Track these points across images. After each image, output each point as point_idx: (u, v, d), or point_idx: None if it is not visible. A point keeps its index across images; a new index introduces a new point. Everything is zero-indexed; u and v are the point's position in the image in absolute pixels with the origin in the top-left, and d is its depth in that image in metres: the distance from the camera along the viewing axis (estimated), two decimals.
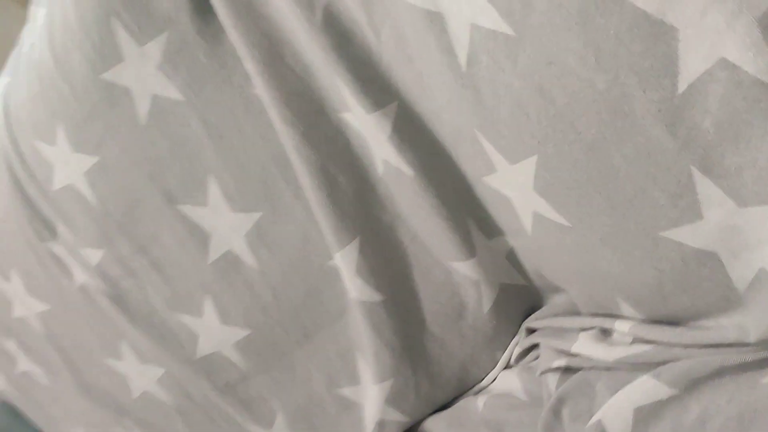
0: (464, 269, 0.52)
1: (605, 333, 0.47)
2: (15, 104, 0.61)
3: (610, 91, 0.33)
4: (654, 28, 0.30)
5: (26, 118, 0.59)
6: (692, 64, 0.30)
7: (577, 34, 0.32)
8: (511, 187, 0.43)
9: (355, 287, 0.53)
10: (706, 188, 0.34)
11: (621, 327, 0.45)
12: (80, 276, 0.63)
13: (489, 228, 0.51)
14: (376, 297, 0.53)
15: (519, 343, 0.56)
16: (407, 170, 0.48)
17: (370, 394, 0.59)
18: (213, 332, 0.60)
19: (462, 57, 0.38)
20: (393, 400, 0.58)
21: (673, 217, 0.36)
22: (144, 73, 0.53)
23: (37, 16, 0.58)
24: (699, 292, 0.38)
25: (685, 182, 0.34)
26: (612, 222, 0.38)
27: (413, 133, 0.47)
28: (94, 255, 0.61)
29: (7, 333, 0.71)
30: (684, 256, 0.37)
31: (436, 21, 0.38)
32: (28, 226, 0.63)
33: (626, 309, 0.45)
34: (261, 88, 0.50)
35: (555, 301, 0.54)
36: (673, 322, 0.42)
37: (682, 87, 0.31)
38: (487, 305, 0.54)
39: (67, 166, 0.58)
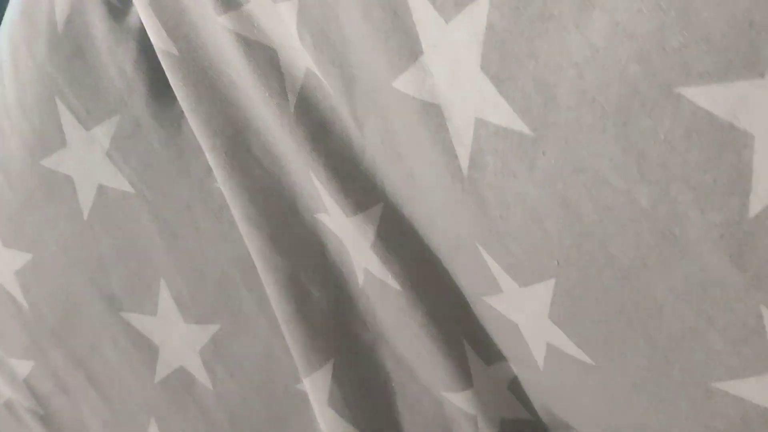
0: (458, 401, 0.44)
1: None
2: None
3: (656, 208, 0.26)
4: (720, 134, 0.23)
5: None
6: None
7: (615, 136, 0.25)
8: (520, 312, 0.36)
9: (326, 420, 0.45)
10: None
11: None
12: (6, 391, 0.54)
13: (489, 353, 0.43)
14: None
15: None
16: (393, 283, 0.41)
17: None
18: None
19: (463, 157, 0.31)
20: None
21: (734, 366, 0.28)
22: (89, 160, 0.47)
23: None
24: None
25: (754, 326, 0.26)
26: (651, 366, 0.31)
27: (401, 241, 0.40)
28: (23, 367, 0.53)
29: None
30: (745, 415, 0.29)
31: (432, 114, 0.31)
32: None
33: None
34: (222, 182, 0.43)
35: None
36: None
37: (755, 209, 0.24)
38: None
39: None
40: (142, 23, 0.43)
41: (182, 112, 0.45)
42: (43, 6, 0.44)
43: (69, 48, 0.44)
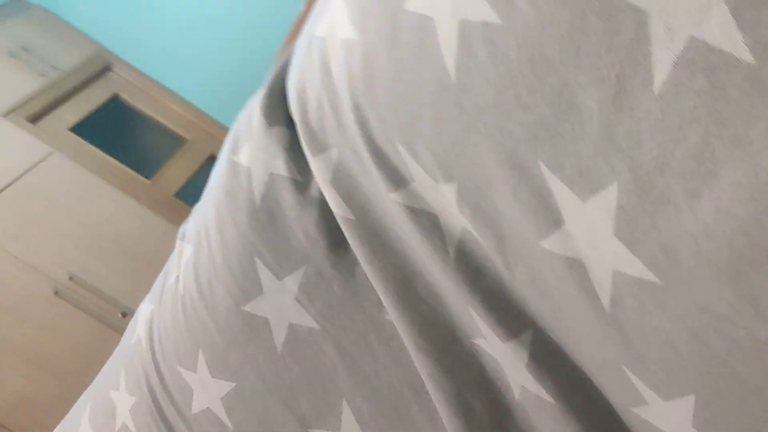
0: None
1: None
2: (159, 331, 0.65)
3: None
4: None
5: (170, 345, 0.63)
6: None
7: (731, 287, 0.32)
8: (667, 422, 0.41)
9: None
10: None
11: None
12: None
13: None
14: None
15: None
16: (547, 397, 0.47)
17: None
18: None
19: (605, 299, 0.38)
20: None
21: None
22: (282, 304, 0.56)
23: (184, 251, 0.64)
24: None
25: None
26: None
27: (552, 360, 0.47)
28: None
29: None
30: None
31: (576, 267, 0.38)
32: None
33: None
34: (394, 317, 0.51)
35: None
36: None
37: None
38: None
39: (206, 391, 0.61)
40: (321, 194, 0.54)
41: (354, 260, 0.54)
42: (244, 188, 0.56)
43: (264, 218, 0.55)
